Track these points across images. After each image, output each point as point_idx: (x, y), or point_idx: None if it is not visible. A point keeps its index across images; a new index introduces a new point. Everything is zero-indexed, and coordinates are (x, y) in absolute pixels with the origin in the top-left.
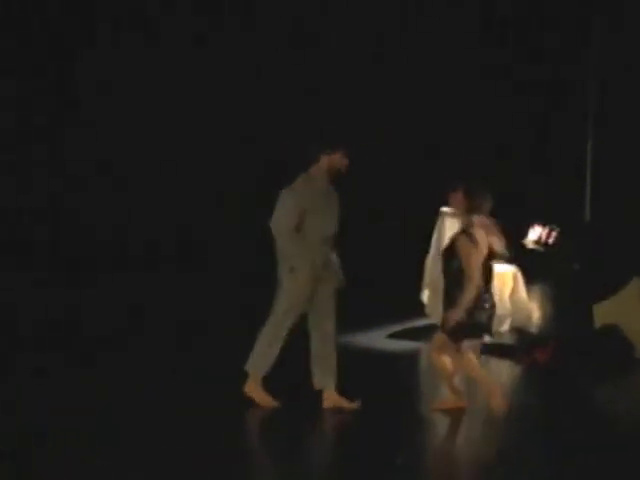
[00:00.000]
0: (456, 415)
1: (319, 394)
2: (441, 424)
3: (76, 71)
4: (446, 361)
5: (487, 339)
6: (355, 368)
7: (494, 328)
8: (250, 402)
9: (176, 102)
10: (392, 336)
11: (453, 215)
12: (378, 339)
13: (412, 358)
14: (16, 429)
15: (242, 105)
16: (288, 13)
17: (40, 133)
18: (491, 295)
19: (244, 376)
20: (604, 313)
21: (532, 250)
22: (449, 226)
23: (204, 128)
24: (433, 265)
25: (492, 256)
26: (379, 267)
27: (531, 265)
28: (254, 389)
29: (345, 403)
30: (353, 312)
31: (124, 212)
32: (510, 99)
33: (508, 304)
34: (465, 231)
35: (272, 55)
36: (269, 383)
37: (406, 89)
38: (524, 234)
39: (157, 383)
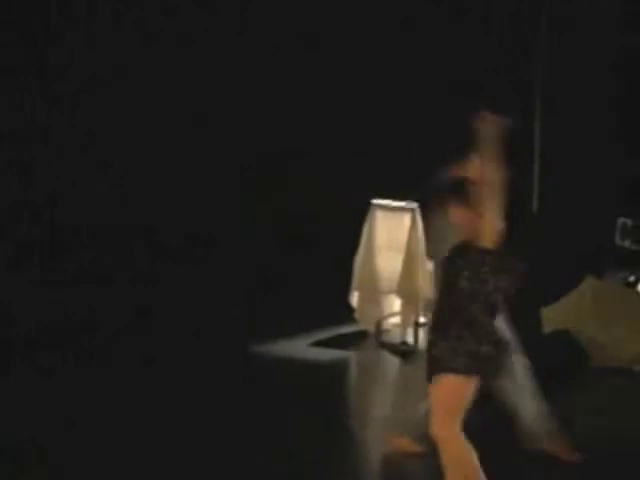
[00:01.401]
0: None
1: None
2: (374, 439)
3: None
4: None
5: None
6: (275, 379)
7: None
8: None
9: (176, 102)
10: (316, 344)
11: (386, 208)
12: (301, 347)
13: (338, 368)
14: (16, 429)
15: (242, 105)
16: (288, 13)
17: (40, 133)
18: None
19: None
20: (554, 317)
21: None
22: (381, 220)
23: (204, 128)
24: (363, 264)
25: None
26: (304, 266)
27: None
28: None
29: None
30: (273, 317)
31: (124, 212)
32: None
33: None
34: None
35: (272, 55)
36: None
37: (406, 89)
38: None
39: (157, 383)
